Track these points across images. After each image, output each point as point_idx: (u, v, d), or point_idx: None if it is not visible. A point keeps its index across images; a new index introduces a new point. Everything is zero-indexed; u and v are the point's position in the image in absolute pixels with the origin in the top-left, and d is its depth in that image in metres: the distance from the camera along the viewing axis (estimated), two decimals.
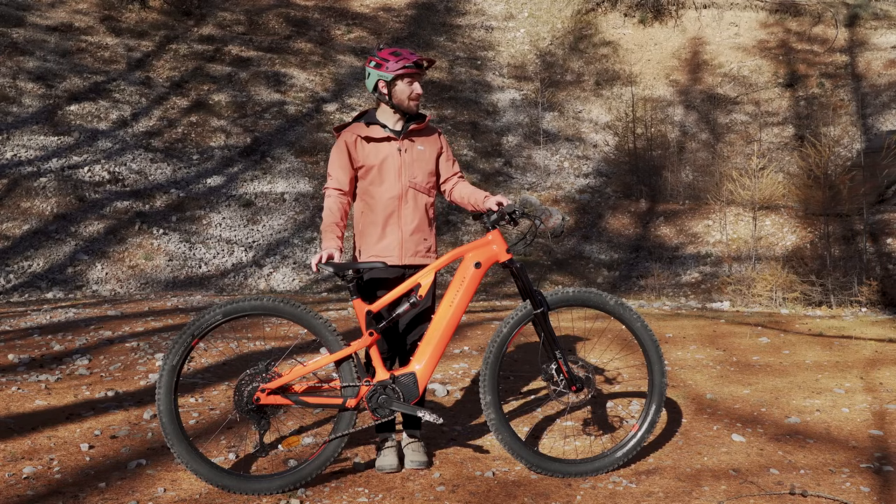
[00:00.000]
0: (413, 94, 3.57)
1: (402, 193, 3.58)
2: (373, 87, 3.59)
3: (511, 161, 14.88)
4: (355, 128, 3.64)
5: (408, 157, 3.60)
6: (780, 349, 5.85)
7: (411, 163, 3.61)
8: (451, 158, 3.79)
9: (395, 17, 18.14)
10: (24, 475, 3.34)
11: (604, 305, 3.53)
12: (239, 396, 3.28)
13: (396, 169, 3.58)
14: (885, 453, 3.76)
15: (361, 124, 3.64)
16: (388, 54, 3.54)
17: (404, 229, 3.59)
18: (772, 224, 12.84)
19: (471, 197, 3.70)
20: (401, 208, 3.59)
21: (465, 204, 3.73)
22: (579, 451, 3.76)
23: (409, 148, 3.62)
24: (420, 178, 3.63)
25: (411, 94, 3.56)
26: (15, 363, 4.90)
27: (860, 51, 16.99)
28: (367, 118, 3.67)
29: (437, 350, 3.42)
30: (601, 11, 18.52)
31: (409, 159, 3.61)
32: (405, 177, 3.59)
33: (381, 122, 3.63)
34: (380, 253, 3.56)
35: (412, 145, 3.63)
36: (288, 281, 11.16)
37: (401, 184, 3.58)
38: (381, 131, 3.60)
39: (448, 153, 3.78)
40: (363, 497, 3.25)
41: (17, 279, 9.89)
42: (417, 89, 3.57)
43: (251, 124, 14.02)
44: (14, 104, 12.66)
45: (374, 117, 3.66)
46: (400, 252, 3.58)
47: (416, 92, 3.57)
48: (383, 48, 3.60)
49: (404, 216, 3.59)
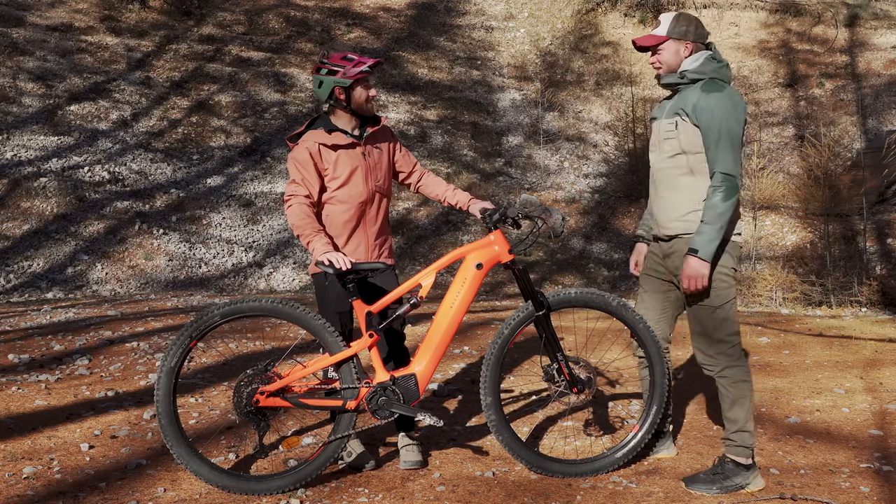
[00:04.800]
0: (370, 103, 3.58)
1: (368, 198, 3.61)
2: (327, 94, 3.54)
3: (511, 161, 14.88)
4: (315, 135, 3.56)
5: (371, 162, 3.62)
6: (780, 349, 5.85)
7: (374, 166, 3.63)
8: (405, 151, 3.82)
9: (395, 17, 18.13)
10: (24, 475, 3.34)
11: (606, 306, 3.53)
12: (238, 398, 3.28)
13: (363, 174, 3.59)
14: (885, 453, 3.76)
15: (321, 132, 3.56)
16: (339, 60, 3.52)
17: (369, 232, 3.63)
18: (772, 224, 12.84)
19: (448, 194, 3.77)
20: (367, 212, 3.62)
21: (439, 199, 3.80)
22: (580, 452, 3.76)
23: (371, 152, 3.64)
24: (382, 180, 3.67)
25: (369, 97, 3.56)
26: (15, 363, 4.90)
27: (860, 51, 16.99)
28: (326, 125, 3.60)
29: (437, 351, 3.41)
30: (601, 11, 18.52)
31: (373, 163, 3.63)
32: (371, 181, 3.61)
33: (342, 129, 3.60)
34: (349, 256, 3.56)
35: (373, 149, 3.65)
36: (288, 281, 11.16)
37: (367, 188, 3.60)
38: (345, 138, 3.57)
39: (401, 146, 3.81)
40: (363, 497, 3.25)
41: (17, 279, 9.89)
42: (372, 91, 3.58)
43: (251, 124, 14.02)
44: (14, 104, 12.66)
45: (331, 124, 3.61)
46: (367, 255, 3.63)
47: (372, 94, 3.58)
48: (332, 54, 3.56)
49: (370, 219, 3.63)
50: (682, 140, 3.24)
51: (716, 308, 3.27)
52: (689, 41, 3.27)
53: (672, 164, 3.30)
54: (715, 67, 3.25)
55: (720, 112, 3.14)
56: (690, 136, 3.22)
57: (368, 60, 3.52)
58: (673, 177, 3.30)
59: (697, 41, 3.28)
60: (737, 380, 3.31)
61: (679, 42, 3.27)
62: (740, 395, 3.31)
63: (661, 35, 3.29)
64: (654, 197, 3.44)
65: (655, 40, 3.29)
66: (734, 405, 3.32)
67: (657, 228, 3.43)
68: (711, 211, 3.15)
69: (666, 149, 3.31)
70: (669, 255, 3.39)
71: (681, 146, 3.25)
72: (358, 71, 3.47)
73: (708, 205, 3.17)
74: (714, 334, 3.29)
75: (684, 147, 3.24)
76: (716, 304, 3.27)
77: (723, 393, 3.34)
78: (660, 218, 3.39)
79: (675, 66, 3.30)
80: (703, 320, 3.30)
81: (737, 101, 3.20)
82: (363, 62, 3.50)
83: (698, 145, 3.22)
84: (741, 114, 3.20)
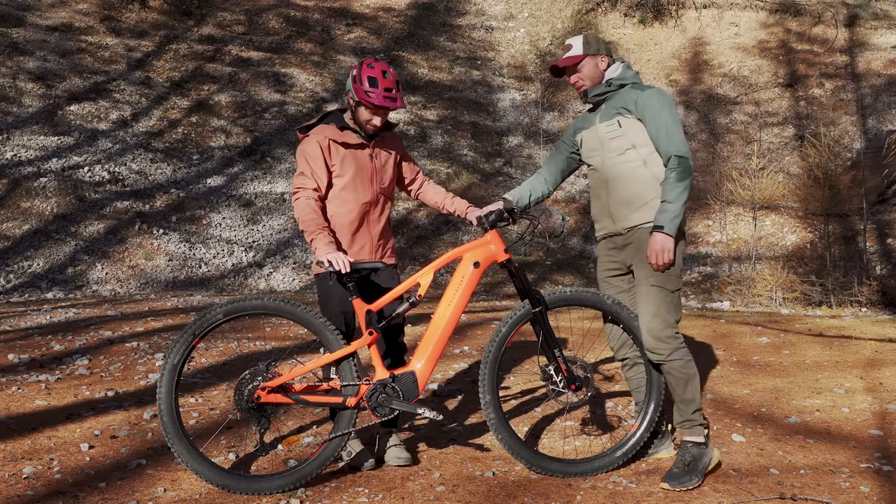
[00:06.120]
0: (370, 125, 3.54)
1: (373, 199, 3.62)
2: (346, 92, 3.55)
3: (511, 161, 14.88)
4: (326, 130, 3.56)
5: (378, 164, 3.63)
6: (780, 349, 5.85)
7: (381, 169, 3.65)
8: (410, 159, 3.85)
9: (396, 17, 18.14)
10: (24, 475, 3.34)
11: (601, 305, 3.55)
12: (239, 396, 3.28)
13: (369, 176, 3.60)
14: (885, 453, 3.76)
15: (333, 127, 3.56)
16: (366, 76, 3.44)
17: (373, 232, 3.65)
18: (772, 224, 12.85)
19: (446, 202, 3.81)
20: (371, 213, 3.64)
21: (437, 206, 3.84)
22: (579, 451, 3.76)
23: (379, 154, 3.64)
24: (387, 184, 3.69)
25: (369, 122, 3.53)
26: (15, 363, 4.90)
27: (860, 51, 16.99)
28: (338, 122, 3.60)
29: (436, 349, 3.43)
30: (601, 11, 18.52)
31: (379, 165, 3.64)
32: (376, 183, 3.63)
33: (353, 128, 3.60)
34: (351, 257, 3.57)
35: (381, 152, 3.65)
36: (288, 281, 11.16)
37: (372, 190, 3.61)
38: (355, 137, 3.57)
39: (407, 155, 3.83)
40: (363, 497, 3.25)
41: (17, 279, 9.90)
42: (376, 122, 3.52)
43: (251, 124, 14.02)
44: (14, 104, 12.66)
45: (344, 121, 3.61)
46: (370, 255, 3.65)
47: (374, 124, 3.53)
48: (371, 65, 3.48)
49: (373, 220, 3.65)
50: (630, 136, 3.46)
51: (671, 291, 3.43)
52: (603, 55, 3.57)
53: (623, 160, 3.49)
54: (633, 74, 3.57)
55: (659, 102, 3.42)
56: (637, 130, 3.46)
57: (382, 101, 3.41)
58: (628, 171, 3.48)
59: (608, 54, 3.59)
60: (685, 360, 3.45)
61: (595, 57, 3.56)
62: (692, 374, 3.45)
63: (578, 55, 3.55)
64: (605, 197, 3.58)
65: (574, 60, 3.55)
66: (688, 385, 3.44)
67: (612, 225, 3.57)
68: (672, 190, 3.36)
69: (613, 148, 3.51)
70: (626, 247, 3.55)
71: (630, 141, 3.47)
72: (366, 99, 3.43)
73: (667, 186, 3.38)
74: (667, 316, 3.42)
75: (633, 142, 3.46)
76: (670, 288, 3.43)
77: (675, 376, 3.44)
78: (617, 214, 3.54)
79: (597, 79, 3.57)
80: (658, 302, 3.42)
81: (666, 95, 3.48)
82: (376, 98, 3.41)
83: (646, 138, 3.45)
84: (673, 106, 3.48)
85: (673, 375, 3.44)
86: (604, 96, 3.55)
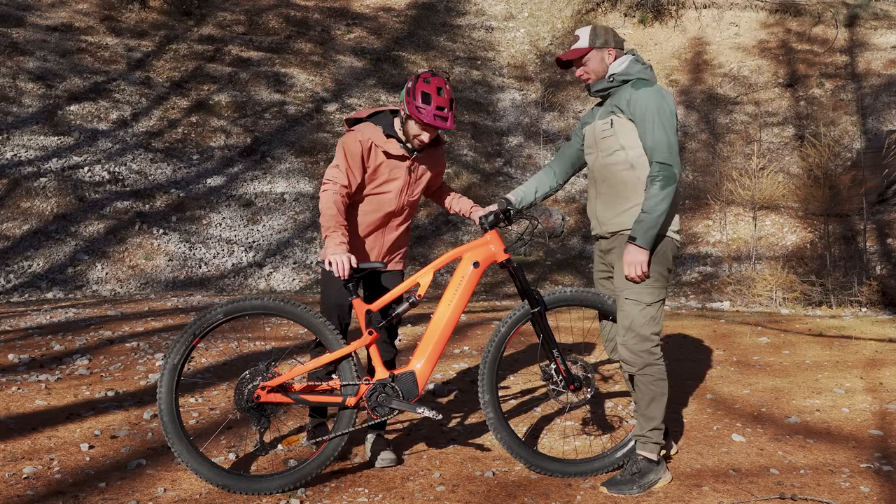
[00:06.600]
0: (418, 139, 3.50)
1: (398, 210, 3.62)
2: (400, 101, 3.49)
3: (511, 161, 14.88)
4: (371, 131, 3.51)
5: (413, 178, 3.61)
6: (780, 349, 5.85)
7: (414, 182, 3.63)
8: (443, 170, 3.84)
9: (396, 17, 18.14)
10: (24, 475, 3.34)
11: (601, 305, 3.55)
12: (239, 396, 3.29)
13: (400, 188, 3.58)
14: (885, 453, 3.76)
15: (379, 131, 3.52)
16: (420, 91, 3.39)
17: (387, 238, 3.65)
18: (772, 224, 12.85)
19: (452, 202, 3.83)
20: (391, 222, 3.64)
21: (445, 206, 3.86)
22: (579, 451, 3.77)
23: (417, 168, 3.61)
24: (416, 196, 3.68)
25: (417, 137, 3.49)
26: (15, 363, 4.90)
27: (860, 51, 16.99)
28: (386, 127, 3.54)
29: (436, 349, 3.43)
30: (601, 11, 18.52)
31: (414, 179, 3.62)
32: (405, 195, 3.62)
33: (398, 137, 3.56)
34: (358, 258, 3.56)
35: (419, 166, 3.62)
36: (288, 281, 11.16)
37: (399, 201, 3.61)
38: (398, 148, 3.52)
39: (444, 168, 3.82)
40: (363, 497, 3.25)
41: (17, 279, 9.89)
42: (423, 138, 3.48)
43: (251, 124, 14.02)
44: (14, 104, 12.66)
45: (392, 128, 3.56)
46: (377, 258, 3.65)
47: (422, 140, 3.49)
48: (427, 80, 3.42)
49: (391, 227, 3.65)
50: (620, 136, 3.34)
51: (646, 305, 3.31)
52: (611, 48, 3.41)
53: (612, 161, 3.38)
54: (640, 69, 3.39)
55: (652, 103, 3.26)
56: (627, 131, 3.33)
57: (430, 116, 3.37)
58: (613, 173, 3.38)
59: (618, 47, 3.43)
60: (657, 377, 3.35)
61: (602, 50, 3.41)
62: (659, 393, 3.35)
63: (583, 47, 3.41)
64: (594, 196, 3.52)
65: (579, 53, 3.43)
66: (652, 402, 3.35)
67: (599, 227, 3.50)
68: (650, 200, 3.22)
69: (604, 147, 3.40)
70: (609, 251, 3.48)
71: (619, 142, 3.34)
72: (417, 115, 3.39)
73: (647, 194, 3.24)
74: (641, 331, 3.31)
75: (623, 143, 3.34)
76: (646, 301, 3.31)
77: (642, 390, 3.36)
78: (602, 216, 3.46)
79: (602, 73, 3.43)
80: (632, 315, 3.32)
81: (665, 95, 3.33)
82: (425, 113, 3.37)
83: (636, 140, 3.31)
84: (672, 106, 3.31)
85: (640, 389, 3.36)
86: (606, 91, 3.42)
